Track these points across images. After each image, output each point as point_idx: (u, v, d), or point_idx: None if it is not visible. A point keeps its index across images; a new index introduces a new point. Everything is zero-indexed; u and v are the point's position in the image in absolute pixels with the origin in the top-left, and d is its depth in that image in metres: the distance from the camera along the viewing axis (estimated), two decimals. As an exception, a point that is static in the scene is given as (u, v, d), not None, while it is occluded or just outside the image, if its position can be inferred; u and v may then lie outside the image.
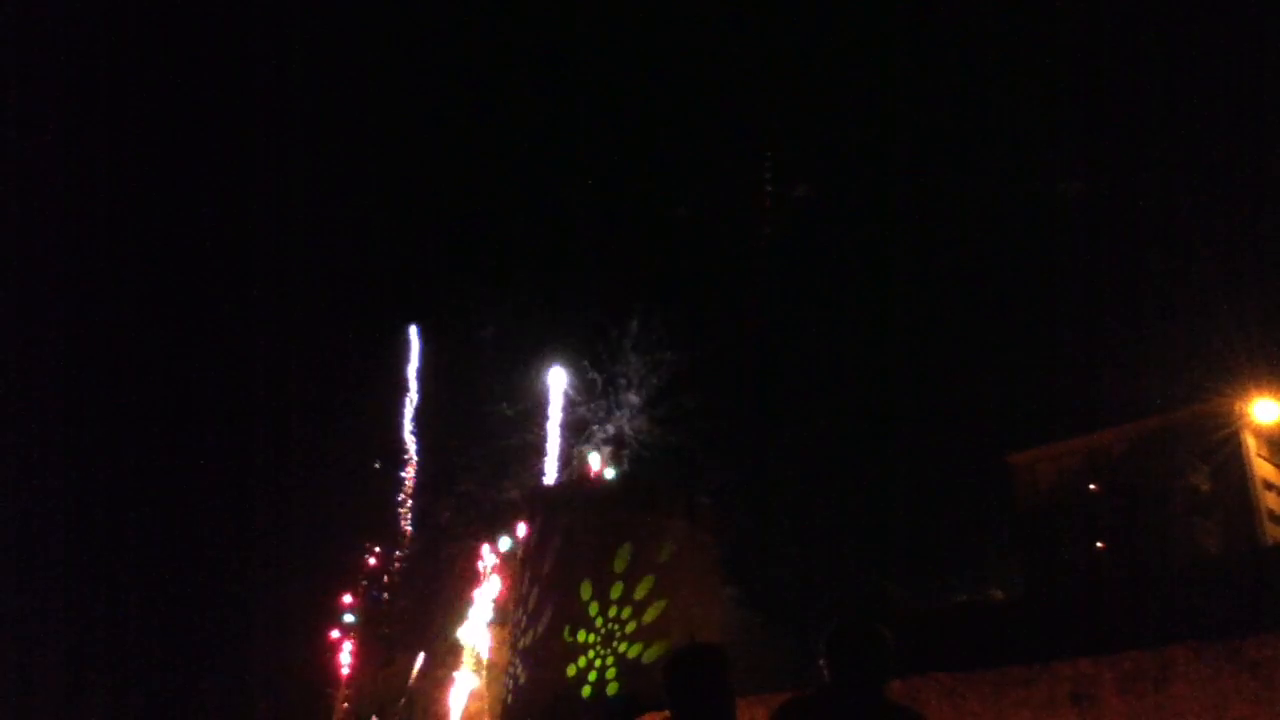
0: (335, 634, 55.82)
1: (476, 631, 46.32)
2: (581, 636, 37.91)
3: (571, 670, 37.49)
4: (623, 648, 37.57)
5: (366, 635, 55.18)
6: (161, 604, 65.06)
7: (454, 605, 48.34)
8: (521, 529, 44.69)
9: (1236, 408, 32.85)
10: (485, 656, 45.63)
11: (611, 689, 36.51)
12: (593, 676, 37.35)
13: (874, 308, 65.35)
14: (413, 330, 61.20)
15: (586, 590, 38.41)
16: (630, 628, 37.85)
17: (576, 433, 50.07)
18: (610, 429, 49.32)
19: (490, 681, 43.99)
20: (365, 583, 56.95)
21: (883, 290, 65.80)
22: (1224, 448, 33.29)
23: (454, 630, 47.12)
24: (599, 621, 38.07)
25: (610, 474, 47.06)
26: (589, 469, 47.30)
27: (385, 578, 56.59)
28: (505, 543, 46.09)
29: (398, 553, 56.41)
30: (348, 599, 56.48)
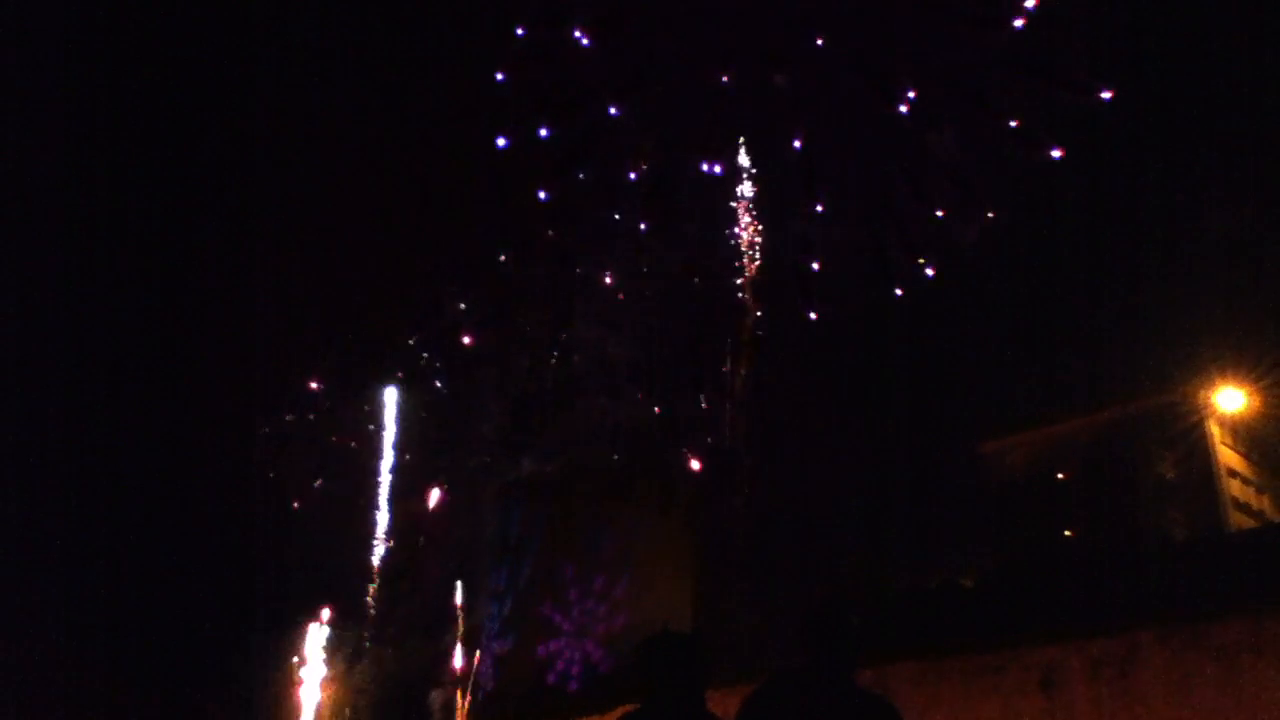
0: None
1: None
2: (557, 619, 37.95)
3: (542, 653, 37.52)
4: (590, 644, 37.56)
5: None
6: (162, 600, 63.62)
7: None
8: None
9: (1201, 396, 33.32)
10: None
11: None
12: (559, 665, 37.38)
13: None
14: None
15: (567, 573, 38.43)
16: (601, 626, 37.75)
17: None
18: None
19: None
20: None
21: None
22: (1189, 436, 33.79)
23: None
24: (575, 611, 38.04)
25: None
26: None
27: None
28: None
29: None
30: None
